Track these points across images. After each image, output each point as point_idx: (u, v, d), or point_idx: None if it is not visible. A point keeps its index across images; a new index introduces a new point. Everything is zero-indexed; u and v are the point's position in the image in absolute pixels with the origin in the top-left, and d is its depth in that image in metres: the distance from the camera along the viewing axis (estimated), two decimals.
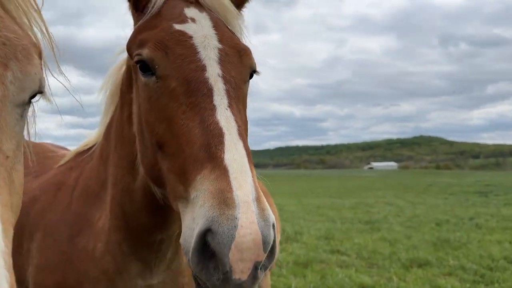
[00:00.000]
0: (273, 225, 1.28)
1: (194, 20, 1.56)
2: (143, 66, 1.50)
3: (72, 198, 2.10)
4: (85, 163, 2.22)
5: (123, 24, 1.80)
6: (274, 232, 1.28)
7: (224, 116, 1.39)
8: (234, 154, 1.32)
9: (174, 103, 1.43)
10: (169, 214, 1.85)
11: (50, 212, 2.11)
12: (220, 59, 1.50)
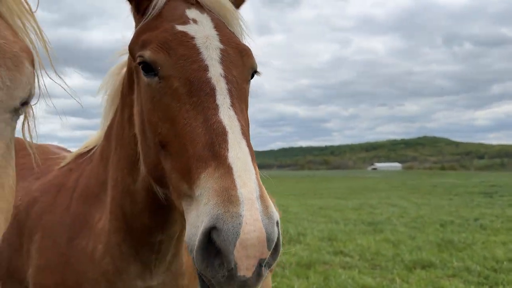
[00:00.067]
0: (277, 222, 1.29)
1: (195, 21, 1.58)
2: (146, 66, 1.51)
3: (71, 200, 2.10)
4: (85, 164, 2.23)
5: (129, 26, 1.82)
6: (278, 229, 1.29)
7: (227, 115, 1.40)
8: (238, 153, 1.33)
9: (177, 103, 1.44)
10: (170, 215, 1.86)
11: (50, 213, 2.11)
12: (222, 59, 1.51)
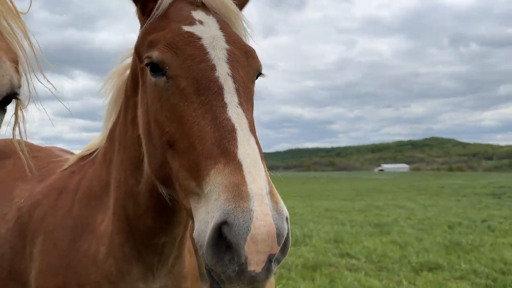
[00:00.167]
0: (286, 218, 1.30)
1: (202, 22, 1.61)
2: (153, 66, 1.54)
3: (74, 202, 2.11)
4: (87, 167, 2.24)
5: (136, 28, 1.83)
6: (287, 225, 1.30)
7: (235, 113, 1.42)
8: (247, 149, 1.35)
9: (185, 102, 1.46)
10: (173, 217, 1.86)
11: (52, 216, 2.12)
12: (229, 59, 1.53)
